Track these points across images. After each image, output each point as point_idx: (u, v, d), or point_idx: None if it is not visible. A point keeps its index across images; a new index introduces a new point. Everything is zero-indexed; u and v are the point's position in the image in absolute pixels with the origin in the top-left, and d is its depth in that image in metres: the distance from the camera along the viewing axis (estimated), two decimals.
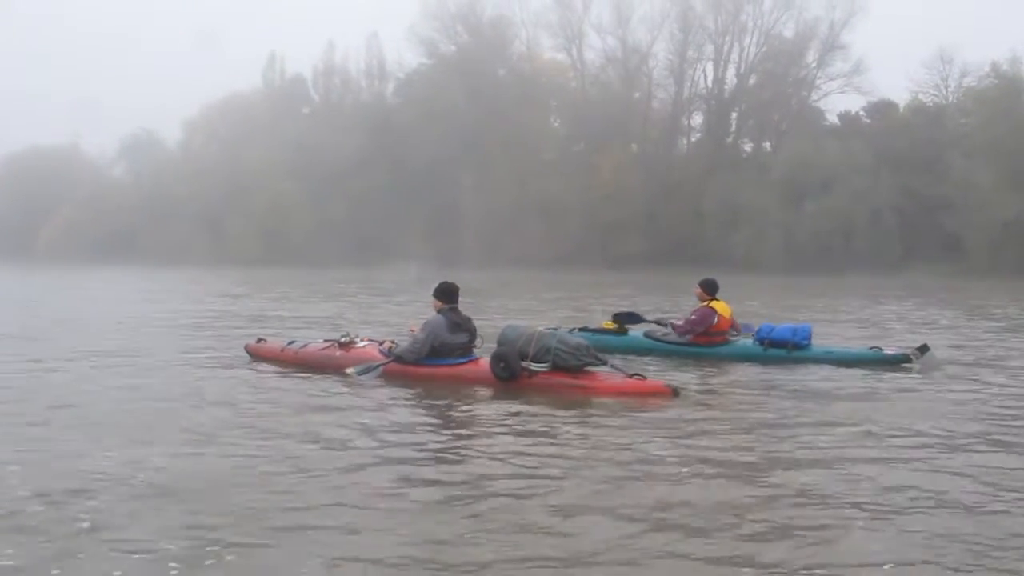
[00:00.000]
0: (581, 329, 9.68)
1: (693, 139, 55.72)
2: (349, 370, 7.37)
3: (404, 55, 58.57)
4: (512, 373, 7.01)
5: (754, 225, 43.75)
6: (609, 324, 9.86)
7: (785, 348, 8.93)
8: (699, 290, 9.56)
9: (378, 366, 7.44)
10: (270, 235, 52.39)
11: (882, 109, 49.00)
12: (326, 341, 8.47)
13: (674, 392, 6.78)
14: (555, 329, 9.25)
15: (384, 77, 62.03)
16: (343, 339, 8.22)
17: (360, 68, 62.77)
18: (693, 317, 9.32)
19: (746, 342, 9.28)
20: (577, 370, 7.07)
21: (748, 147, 54.05)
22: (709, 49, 53.74)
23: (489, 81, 54.76)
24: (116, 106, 70.68)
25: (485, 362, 7.32)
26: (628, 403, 6.58)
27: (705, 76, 54.58)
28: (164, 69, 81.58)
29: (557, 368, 7.02)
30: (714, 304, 9.36)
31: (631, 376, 7.04)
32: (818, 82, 51.93)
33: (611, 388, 6.94)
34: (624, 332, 9.72)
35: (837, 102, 51.10)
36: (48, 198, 64.17)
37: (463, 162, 50.48)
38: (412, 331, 7.80)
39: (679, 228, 46.97)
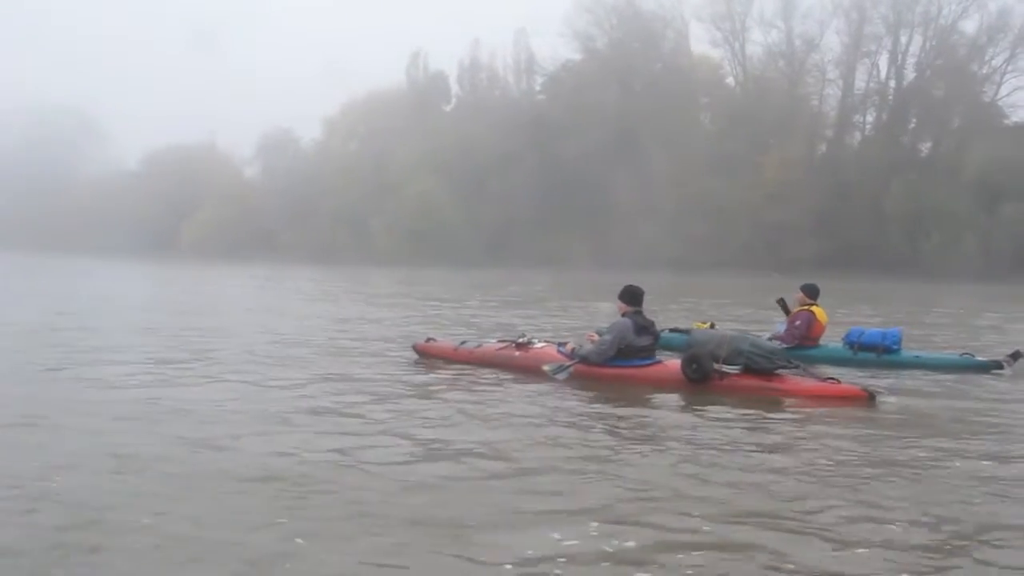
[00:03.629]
0: (672, 330, 10.38)
1: (865, 136, 54.50)
2: (545, 367, 8.13)
3: (557, 49, 59.94)
4: (704, 374, 7.58)
5: (945, 230, 42.60)
6: (700, 324, 10.35)
7: (875, 352, 9.54)
8: (800, 294, 10.26)
9: (569, 366, 8.14)
10: (415, 233, 54.22)
11: None
12: (501, 341, 9.26)
13: (870, 397, 7.16)
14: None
15: (532, 72, 63.56)
16: (520, 339, 9.00)
17: (507, 64, 64.73)
18: (797, 323, 9.98)
19: (836, 346, 9.93)
20: (769, 373, 7.60)
21: (926, 146, 52.53)
22: (885, 42, 52.68)
23: (643, 76, 55.22)
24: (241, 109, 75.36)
25: (672, 363, 7.95)
26: (823, 407, 7.00)
27: (878, 70, 53.51)
28: (293, 72, 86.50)
29: (749, 370, 7.56)
30: (814, 309, 10.05)
31: (825, 380, 7.52)
32: (1007, 77, 50.18)
33: (804, 391, 7.41)
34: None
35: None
36: (188, 195, 68.77)
37: (616, 159, 51.01)
38: (589, 338, 8.47)
39: (855, 231, 46.05)
